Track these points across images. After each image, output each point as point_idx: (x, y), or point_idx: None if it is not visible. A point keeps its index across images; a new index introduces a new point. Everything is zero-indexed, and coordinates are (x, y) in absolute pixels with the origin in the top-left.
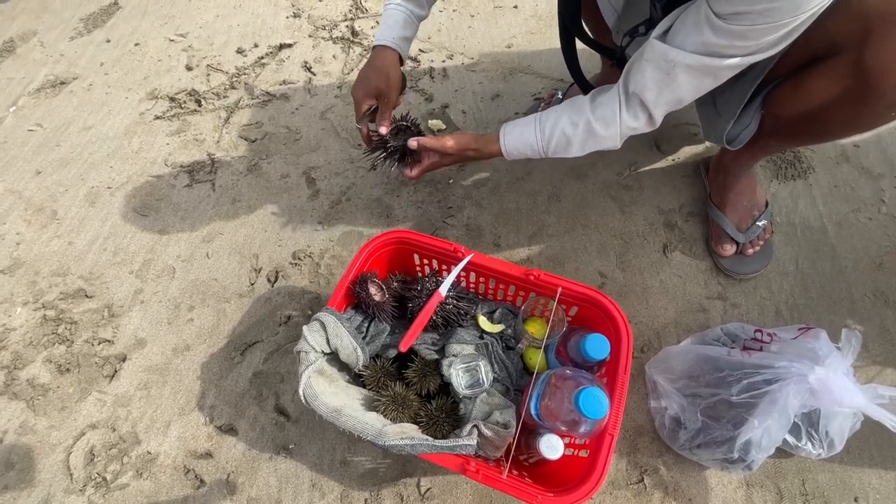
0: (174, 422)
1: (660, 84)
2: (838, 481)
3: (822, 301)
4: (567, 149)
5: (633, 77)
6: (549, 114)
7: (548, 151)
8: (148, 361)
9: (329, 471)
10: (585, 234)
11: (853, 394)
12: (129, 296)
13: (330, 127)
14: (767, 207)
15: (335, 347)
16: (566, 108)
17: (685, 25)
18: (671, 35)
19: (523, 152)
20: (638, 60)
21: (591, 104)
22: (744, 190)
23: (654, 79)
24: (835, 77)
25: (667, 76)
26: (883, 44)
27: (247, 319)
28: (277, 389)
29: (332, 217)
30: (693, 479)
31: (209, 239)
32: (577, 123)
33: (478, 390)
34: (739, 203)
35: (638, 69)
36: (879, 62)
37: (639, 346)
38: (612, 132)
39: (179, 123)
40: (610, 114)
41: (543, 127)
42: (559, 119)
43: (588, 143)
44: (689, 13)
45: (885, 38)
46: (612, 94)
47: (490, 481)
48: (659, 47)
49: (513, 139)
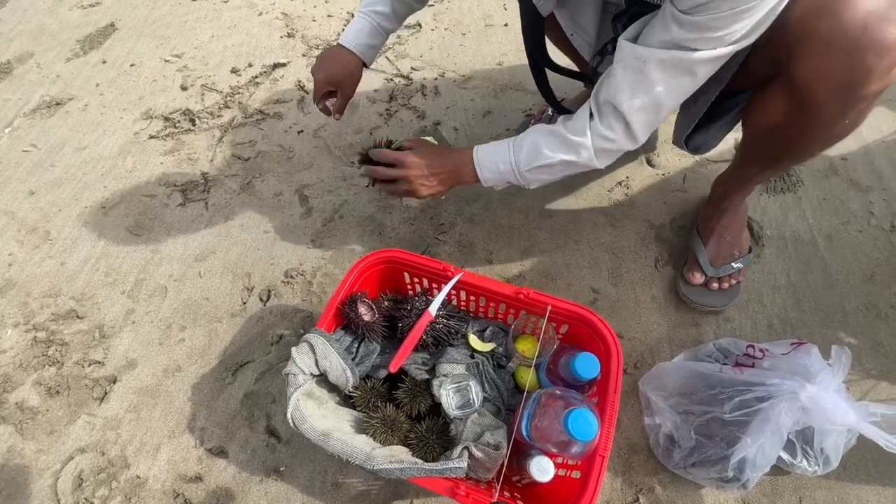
0: (164, 444)
1: (633, 85)
2: (836, 498)
3: (815, 314)
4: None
5: (604, 85)
6: (525, 133)
7: (521, 172)
8: (138, 383)
9: (320, 493)
10: (577, 249)
11: (845, 412)
12: (120, 316)
13: (323, 145)
14: (749, 253)
15: (324, 369)
16: (541, 128)
17: (652, 27)
18: (640, 39)
19: (497, 173)
20: (609, 65)
21: (565, 121)
22: (729, 226)
23: (625, 80)
24: (780, 95)
25: (639, 75)
26: (802, 60)
27: (238, 339)
28: (269, 410)
29: (324, 235)
30: (689, 498)
31: (202, 258)
32: (550, 140)
33: (468, 411)
34: (722, 238)
35: (608, 75)
36: (805, 77)
37: (632, 361)
38: (584, 143)
39: (173, 143)
40: (581, 125)
41: (517, 142)
42: (532, 134)
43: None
44: (654, 17)
45: (802, 54)
46: (583, 108)
47: None
48: (627, 46)
49: (486, 152)
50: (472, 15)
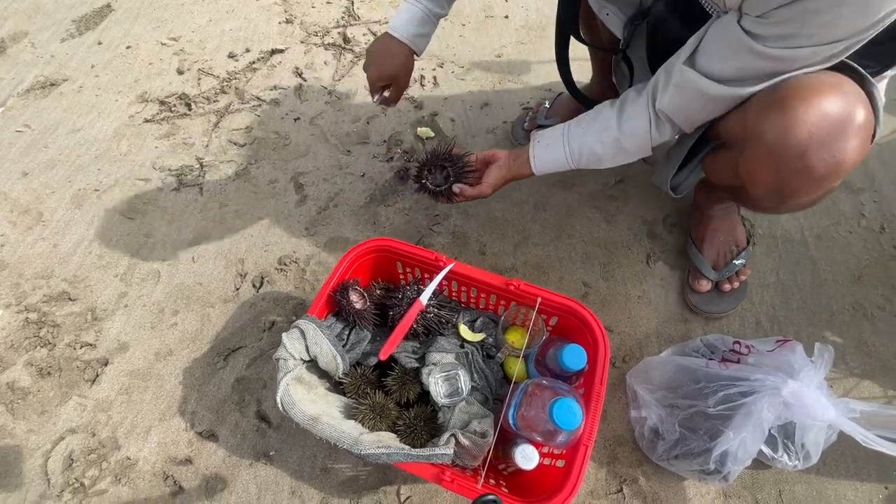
0: (154, 427)
1: (689, 110)
2: (815, 493)
3: (802, 313)
4: (598, 164)
5: (661, 97)
6: (576, 130)
7: (579, 167)
8: (130, 366)
9: (309, 478)
10: (570, 243)
11: (825, 408)
12: (112, 299)
13: (319, 133)
14: (748, 247)
15: (314, 355)
16: (592, 123)
17: (716, 49)
18: (700, 57)
19: (555, 169)
20: (666, 80)
21: (619, 119)
22: (719, 227)
23: (682, 106)
24: (726, 167)
25: (696, 102)
26: (748, 155)
27: (231, 325)
28: (259, 395)
29: (319, 223)
30: (671, 489)
31: (195, 243)
32: (606, 142)
33: (456, 399)
34: (716, 239)
35: (666, 91)
36: (748, 172)
37: (620, 355)
38: (641, 146)
39: (169, 127)
40: (641, 130)
41: (572, 147)
42: (586, 137)
43: (618, 158)
44: (718, 34)
45: (750, 151)
46: (640, 109)
47: (465, 491)
48: (689, 76)
49: (544, 162)
50: (473, 6)
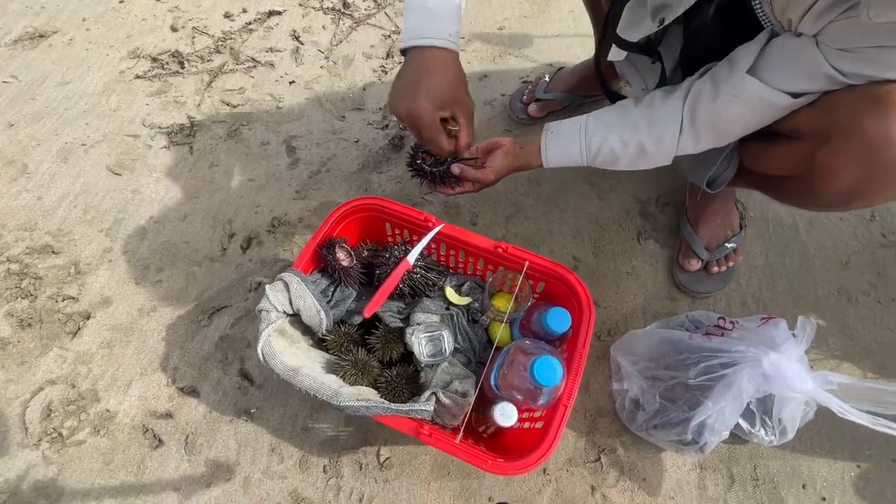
0: (135, 381)
1: (747, 120)
2: (789, 468)
3: (788, 295)
4: (613, 165)
5: (709, 105)
6: (597, 126)
7: (592, 164)
8: (112, 320)
9: (290, 436)
10: (562, 218)
11: (804, 379)
12: (97, 254)
13: (314, 97)
14: (741, 231)
15: (297, 308)
16: (616, 122)
17: (786, 67)
18: (765, 72)
19: (566, 164)
20: (715, 89)
21: (647, 121)
22: (719, 209)
23: (741, 117)
24: (793, 159)
25: (757, 113)
26: (835, 152)
27: (217, 284)
28: (243, 354)
29: (310, 187)
30: (649, 460)
31: (183, 202)
32: (628, 143)
33: (439, 359)
34: (713, 222)
35: (715, 101)
36: (828, 167)
37: (606, 329)
38: (665, 153)
39: (160, 84)
40: (668, 137)
41: (590, 142)
42: (608, 135)
43: (638, 162)
44: (788, 54)
45: (838, 147)
46: (670, 114)
47: (442, 445)
48: (754, 87)
49: (556, 155)
50: None
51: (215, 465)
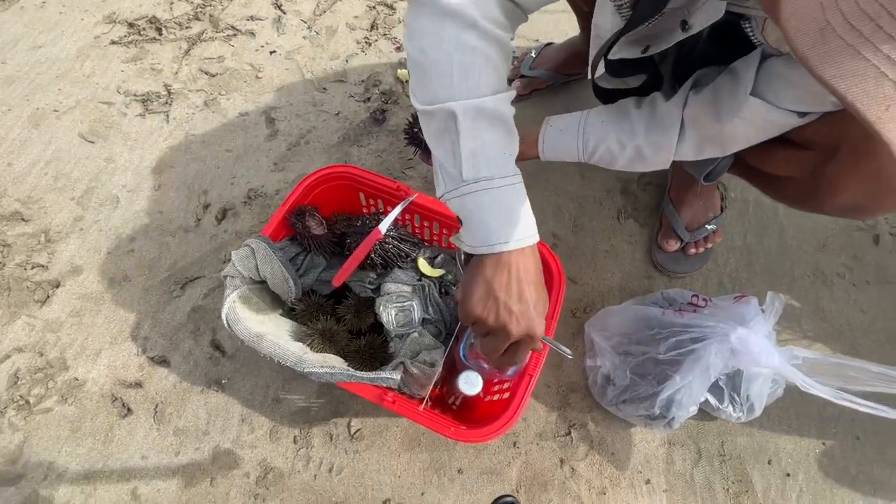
0: (105, 350)
1: (752, 137)
2: (755, 444)
3: (764, 276)
4: (610, 165)
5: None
6: (594, 124)
7: (589, 162)
8: (83, 289)
9: (261, 407)
10: (543, 195)
11: (770, 354)
12: (67, 222)
13: (295, 68)
14: (722, 213)
15: (264, 275)
16: (613, 123)
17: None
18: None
19: (562, 159)
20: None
21: (645, 127)
22: (702, 191)
23: (746, 135)
24: (798, 165)
25: (763, 131)
26: (844, 170)
27: (190, 255)
28: (216, 325)
29: (288, 159)
30: (618, 435)
31: (158, 171)
32: (626, 145)
33: (409, 329)
34: (696, 203)
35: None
36: (835, 182)
37: (582, 306)
38: (662, 159)
39: (137, 51)
40: (665, 143)
41: (587, 141)
42: (605, 135)
43: (636, 165)
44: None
45: (848, 166)
46: (669, 123)
47: (406, 412)
48: (759, 108)
49: (553, 149)
50: None
51: (184, 434)
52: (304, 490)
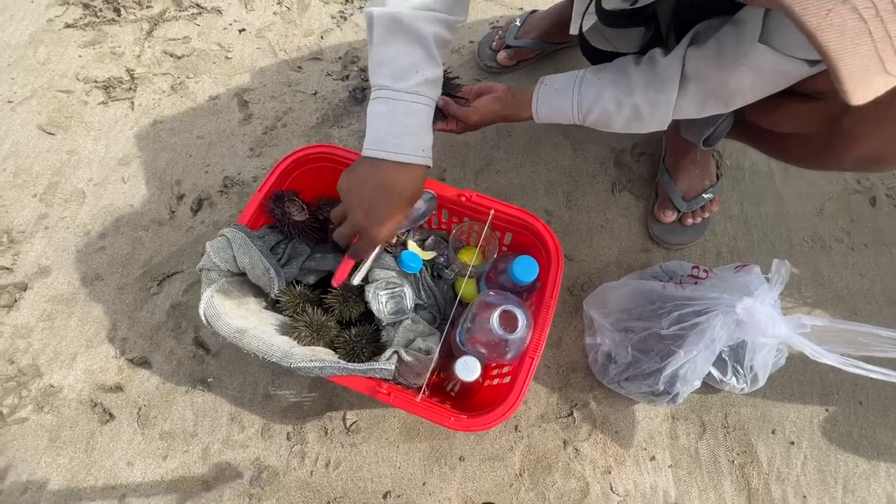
0: (80, 354)
1: (759, 89)
2: (759, 414)
3: (763, 244)
4: (607, 126)
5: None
6: (590, 81)
7: (584, 124)
8: (52, 291)
9: (250, 404)
10: (535, 170)
11: (777, 323)
12: (31, 221)
13: (267, 46)
14: (718, 182)
15: (243, 266)
16: (610, 80)
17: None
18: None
19: (557, 120)
20: (718, 59)
21: (644, 83)
22: (698, 159)
23: (752, 86)
24: (809, 119)
25: (771, 82)
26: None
27: (166, 249)
28: (197, 322)
29: (265, 143)
30: (621, 412)
31: (126, 162)
32: (623, 104)
33: (401, 317)
34: (692, 171)
35: (722, 69)
36: (853, 132)
37: (580, 284)
38: (661, 119)
39: (94, 34)
40: (664, 99)
41: (582, 100)
42: (601, 93)
43: (633, 125)
44: None
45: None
46: (669, 76)
47: (402, 404)
48: (767, 56)
49: (547, 109)
50: None
51: (171, 437)
52: (301, 487)
